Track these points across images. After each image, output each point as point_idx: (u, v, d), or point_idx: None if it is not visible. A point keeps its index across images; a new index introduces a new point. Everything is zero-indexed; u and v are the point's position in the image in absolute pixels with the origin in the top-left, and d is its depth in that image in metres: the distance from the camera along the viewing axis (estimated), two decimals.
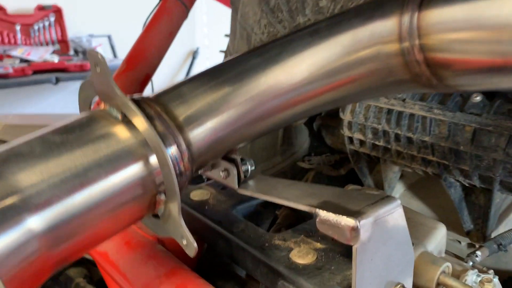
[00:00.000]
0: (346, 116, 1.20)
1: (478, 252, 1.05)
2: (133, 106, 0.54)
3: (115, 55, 5.18)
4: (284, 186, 0.72)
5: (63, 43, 4.66)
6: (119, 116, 0.55)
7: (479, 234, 1.16)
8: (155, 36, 1.32)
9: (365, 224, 0.61)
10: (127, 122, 0.56)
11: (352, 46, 0.55)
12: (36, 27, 4.50)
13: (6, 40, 4.32)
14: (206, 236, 0.83)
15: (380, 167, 1.37)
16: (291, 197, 0.67)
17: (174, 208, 0.55)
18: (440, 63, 0.46)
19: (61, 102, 4.87)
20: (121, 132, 0.55)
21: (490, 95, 1.00)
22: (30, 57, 4.17)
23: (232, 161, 0.70)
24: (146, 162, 0.55)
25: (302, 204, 0.65)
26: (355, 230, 0.60)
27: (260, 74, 0.63)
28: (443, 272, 0.92)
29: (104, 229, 0.54)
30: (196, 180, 1.13)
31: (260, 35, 1.16)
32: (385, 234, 0.65)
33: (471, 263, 1.04)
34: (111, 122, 0.56)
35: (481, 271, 1.02)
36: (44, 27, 4.53)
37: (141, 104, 0.58)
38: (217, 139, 0.63)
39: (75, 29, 4.77)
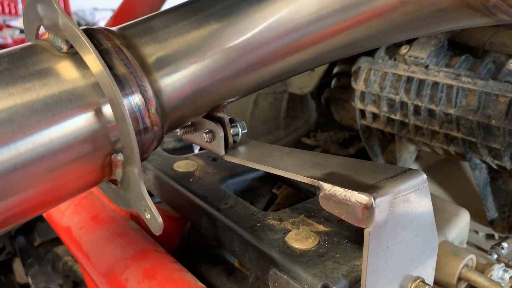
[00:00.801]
0: (358, 86, 1.06)
1: (505, 244, 0.92)
2: (82, 35, 0.41)
3: None
4: (282, 154, 0.58)
5: None
6: (64, 47, 0.42)
7: (504, 224, 1.02)
8: None
9: (381, 202, 0.48)
10: (75, 57, 0.43)
11: None
12: None
13: (6, 10, 4.19)
14: (190, 213, 0.70)
15: (393, 146, 1.23)
16: (289, 167, 0.54)
17: (134, 172, 0.42)
18: None
19: None
20: (65, 69, 0.42)
21: None
22: None
23: (219, 121, 0.57)
24: (98, 112, 0.42)
25: (302, 175, 0.52)
26: (368, 209, 0.47)
27: (255, 7, 0.49)
28: (466, 265, 0.79)
29: (42, 194, 0.41)
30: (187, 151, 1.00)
31: None
32: (406, 216, 0.51)
33: (496, 256, 0.91)
34: (54, 55, 0.42)
35: (507, 265, 0.89)
36: None
37: (95, 35, 0.44)
38: (198, 90, 0.49)
39: (78, 1, 4.63)
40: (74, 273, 1.61)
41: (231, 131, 0.57)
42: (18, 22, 4.03)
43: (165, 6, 1.30)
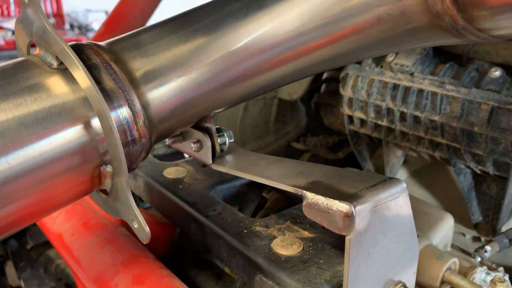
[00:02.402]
0: (346, 92, 1.08)
1: (488, 247, 0.94)
2: (71, 52, 0.42)
3: None
4: (268, 163, 0.60)
5: (58, 17, 4.51)
6: (54, 64, 0.44)
7: (488, 227, 1.04)
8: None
9: (361, 211, 0.49)
10: (65, 72, 0.44)
11: None
12: None
13: None
14: (179, 220, 0.72)
15: (381, 151, 1.25)
16: (274, 175, 0.56)
17: (122, 183, 0.44)
18: None
19: None
20: (55, 84, 0.43)
21: (510, 70, 0.88)
22: None
23: (206, 131, 0.58)
24: (87, 125, 0.43)
25: (286, 184, 0.53)
26: (349, 217, 0.49)
27: (240, 22, 0.51)
28: (449, 268, 0.81)
29: (33, 205, 0.43)
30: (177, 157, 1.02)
31: None
32: (387, 223, 0.53)
33: (479, 259, 0.93)
34: (45, 71, 0.44)
35: (490, 268, 0.92)
36: None
37: (84, 50, 0.46)
38: (185, 102, 0.51)
39: (71, 2, 4.62)
40: (67, 275, 1.62)
41: (218, 141, 0.59)
42: (11, 24, 4.02)
43: (156, 12, 1.32)
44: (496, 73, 0.86)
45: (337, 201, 0.49)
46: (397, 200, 0.54)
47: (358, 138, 1.19)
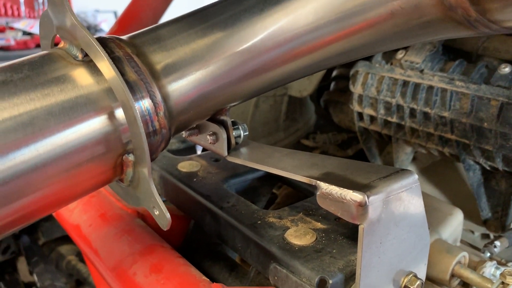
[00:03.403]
0: (356, 89, 1.09)
1: (497, 242, 0.95)
2: (96, 44, 0.44)
3: None
4: (282, 155, 0.62)
5: None
6: (79, 56, 0.45)
7: (497, 223, 1.05)
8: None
9: (375, 200, 0.51)
10: (89, 64, 0.46)
11: None
12: (40, 0, 4.39)
13: (9, 12, 4.23)
14: (193, 212, 0.74)
15: (391, 148, 1.26)
16: (288, 167, 0.57)
17: (144, 172, 0.46)
18: None
19: None
20: (81, 76, 0.45)
21: None
22: (33, 30, 4.07)
23: (222, 124, 0.60)
24: (111, 115, 0.45)
25: (301, 175, 0.55)
26: (362, 206, 0.50)
27: (256, 17, 0.52)
28: (459, 262, 0.82)
29: (58, 192, 0.44)
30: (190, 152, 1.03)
31: None
32: (399, 213, 0.55)
33: (488, 254, 0.94)
34: (70, 63, 0.46)
35: (499, 263, 0.93)
36: None
37: (108, 43, 0.48)
38: (203, 95, 0.53)
39: (81, 3, 4.66)
40: (78, 271, 1.64)
41: (234, 133, 0.61)
42: (21, 24, 4.07)
43: (169, 11, 1.34)
44: (506, 69, 0.86)
45: (351, 191, 0.51)
46: (409, 191, 0.56)
47: (367, 135, 1.20)
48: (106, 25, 4.77)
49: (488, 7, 0.37)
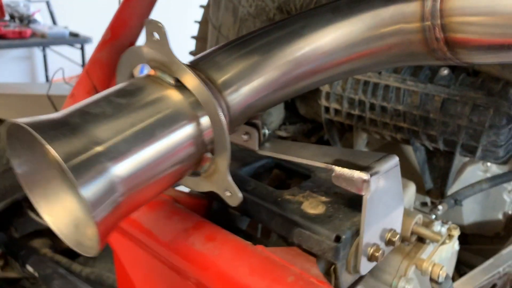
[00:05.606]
0: (324, 88, 1.30)
1: (440, 206, 1.21)
2: (190, 72, 0.60)
3: (54, 22, 4.94)
4: (297, 147, 0.81)
5: None
6: (172, 81, 0.61)
7: (438, 192, 1.32)
8: (137, 3, 1.33)
9: (374, 178, 0.72)
10: (178, 86, 0.61)
11: (374, 23, 0.64)
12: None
13: None
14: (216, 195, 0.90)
15: (348, 135, 1.50)
16: (307, 156, 0.76)
17: (223, 163, 0.63)
18: (458, 41, 0.56)
19: None
20: (174, 95, 0.61)
21: (454, 69, 1.15)
22: None
23: (253, 125, 0.78)
24: (198, 123, 0.61)
25: (319, 162, 0.74)
26: (366, 182, 0.70)
27: (285, 45, 0.70)
28: (416, 222, 1.06)
29: (165, 181, 0.60)
30: None
31: (248, 8, 1.22)
32: (387, 186, 0.76)
33: (434, 216, 1.20)
34: (165, 86, 0.61)
35: (443, 222, 1.19)
36: None
37: (191, 70, 0.63)
38: (249, 104, 0.70)
39: None
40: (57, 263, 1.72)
41: (262, 132, 0.79)
42: None
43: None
44: (445, 72, 1.11)
45: (357, 171, 0.71)
46: (393, 170, 0.77)
47: (331, 125, 1.42)
48: (40, 15, 4.62)
49: (459, 51, 0.58)
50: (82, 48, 4.74)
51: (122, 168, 0.53)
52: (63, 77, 1.96)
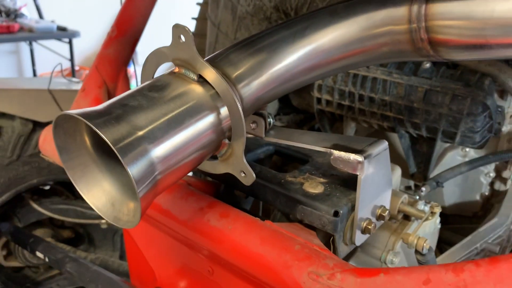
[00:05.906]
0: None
1: (423, 188, 1.33)
2: (212, 68, 0.69)
3: (41, 16, 4.93)
4: (299, 134, 0.91)
5: None
6: (195, 77, 0.70)
7: (421, 176, 1.44)
8: (140, 2, 1.41)
9: (367, 160, 0.82)
10: (201, 82, 0.71)
11: (367, 25, 0.74)
12: None
13: None
14: (229, 178, 1.00)
15: (338, 124, 1.60)
16: (309, 142, 0.87)
17: (239, 148, 0.72)
18: (440, 41, 0.67)
19: None
20: (197, 89, 0.70)
21: (436, 63, 1.26)
22: None
23: (260, 115, 0.87)
24: (218, 113, 0.71)
25: (319, 146, 0.85)
26: (361, 163, 0.81)
27: (290, 44, 0.80)
28: (402, 202, 1.18)
29: (191, 163, 0.70)
30: None
31: (246, 7, 1.32)
32: (378, 167, 0.87)
33: (417, 196, 1.32)
34: (188, 81, 0.70)
35: (426, 202, 1.31)
36: None
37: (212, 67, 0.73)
38: (258, 97, 0.79)
39: None
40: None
41: (268, 121, 0.89)
42: None
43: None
44: (427, 65, 1.23)
45: (353, 154, 0.82)
46: (383, 153, 0.88)
47: (323, 115, 1.53)
48: (27, 9, 4.62)
49: (440, 50, 0.68)
50: (70, 42, 4.75)
51: (160, 150, 0.62)
52: (60, 69, 2.02)
